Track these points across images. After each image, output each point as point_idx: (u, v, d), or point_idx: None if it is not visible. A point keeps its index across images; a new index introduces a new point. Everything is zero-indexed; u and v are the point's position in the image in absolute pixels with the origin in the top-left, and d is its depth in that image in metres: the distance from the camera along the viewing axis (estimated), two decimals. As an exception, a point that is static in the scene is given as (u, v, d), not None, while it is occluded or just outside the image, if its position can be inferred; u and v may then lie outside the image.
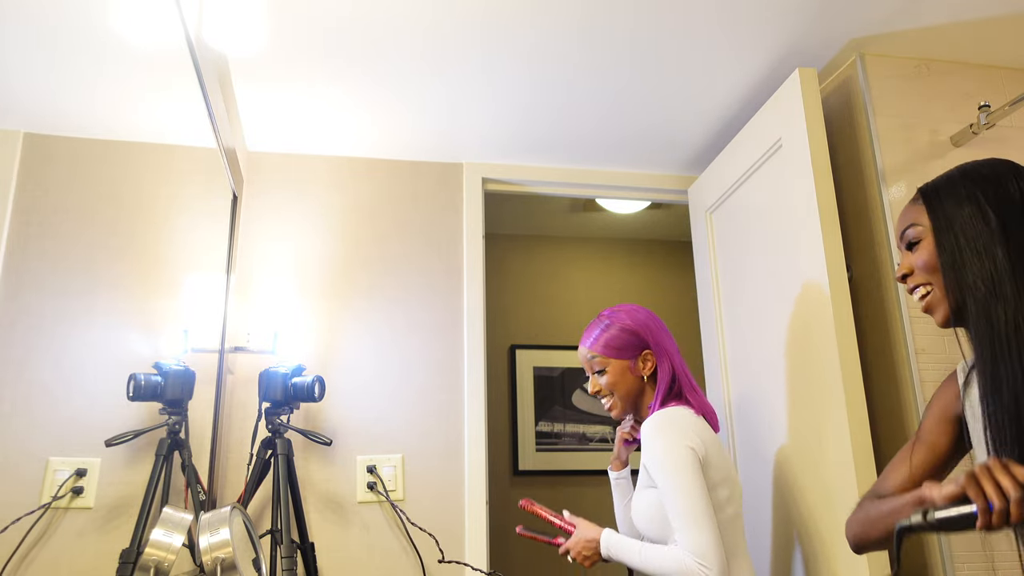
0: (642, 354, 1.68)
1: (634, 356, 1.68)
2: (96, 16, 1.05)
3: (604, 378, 1.68)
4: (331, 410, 2.21)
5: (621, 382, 1.68)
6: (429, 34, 1.84)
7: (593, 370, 1.70)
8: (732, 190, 2.23)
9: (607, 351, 1.68)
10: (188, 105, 1.53)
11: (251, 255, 2.29)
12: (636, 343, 1.68)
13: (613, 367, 1.68)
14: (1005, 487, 0.85)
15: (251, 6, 1.71)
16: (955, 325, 1.09)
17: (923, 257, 1.10)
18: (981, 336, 1.02)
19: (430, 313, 2.35)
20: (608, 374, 1.68)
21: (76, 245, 1.02)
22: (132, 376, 1.21)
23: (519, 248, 3.70)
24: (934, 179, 1.15)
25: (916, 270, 1.12)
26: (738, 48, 1.93)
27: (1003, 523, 0.85)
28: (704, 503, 1.47)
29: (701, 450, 1.53)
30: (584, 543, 1.63)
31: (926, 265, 1.10)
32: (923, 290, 1.12)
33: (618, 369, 1.68)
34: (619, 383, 1.68)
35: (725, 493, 1.56)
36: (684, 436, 1.53)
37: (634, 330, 1.68)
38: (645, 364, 1.68)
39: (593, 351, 1.69)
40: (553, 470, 3.40)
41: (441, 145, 2.39)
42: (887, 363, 1.82)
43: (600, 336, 1.69)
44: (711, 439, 1.58)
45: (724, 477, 1.57)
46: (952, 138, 1.92)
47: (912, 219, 1.14)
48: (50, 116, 0.94)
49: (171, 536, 1.14)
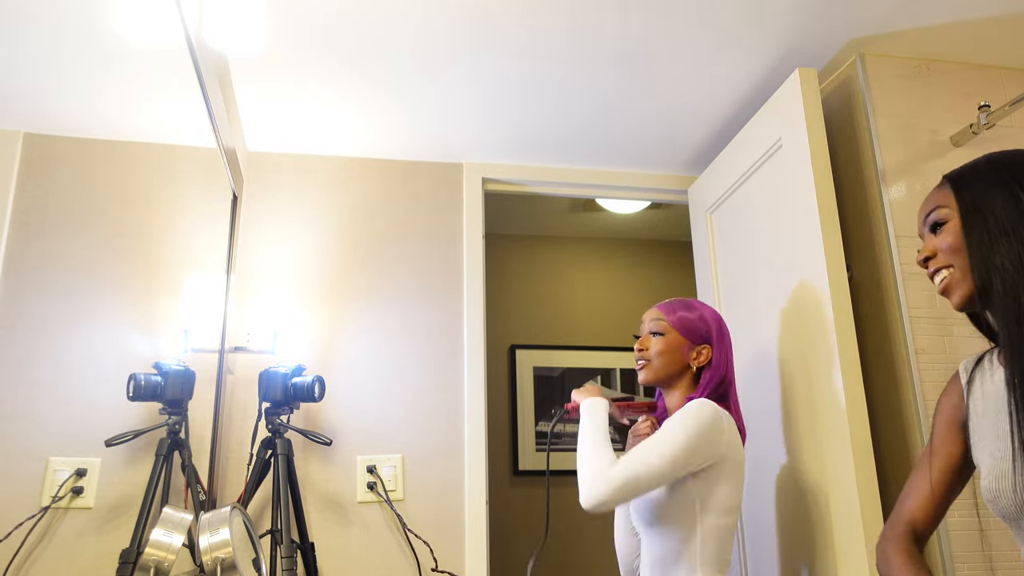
0: (700, 346, 1.68)
1: (695, 343, 1.68)
2: (96, 16, 1.05)
3: (658, 343, 1.69)
4: (331, 410, 2.21)
5: (669, 354, 1.68)
6: (430, 34, 1.84)
7: (652, 331, 1.71)
8: (732, 190, 2.23)
9: (674, 321, 1.69)
10: (188, 105, 1.53)
11: (251, 255, 2.29)
12: (703, 333, 1.69)
13: (671, 338, 1.69)
14: None
15: (251, 6, 1.71)
16: (977, 309, 1.09)
17: (948, 239, 1.10)
18: (1008, 316, 1.02)
19: (430, 313, 2.35)
20: (664, 341, 1.69)
21: (76, 245, 1.02)
22: (132, 376, 1.21)
23: (519, 248, 3.70)
24: (960, 166, 1.15)
25: (940, 252, 1.12)
26: (738, 48, 1.93)
27: None
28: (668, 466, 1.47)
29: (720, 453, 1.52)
30: (587, 391, 1.73)
31: (951, 247, 1.10)
32: (945, 272, 1.11)
33: (674, 342, 1.68)
34: (667, 353, 1.68)
35: (734, 500, 1.54)
36: (720, 433, 1.52)
37: (707, 321, 1.70)
38: (699, 355, 1.68)
39: (662, 314, 1.71)
40: (553, 470, 3.40)
41: (441, 145, 2.39)
42: (887, 363, 1.82)
43: (678, 310, 1.71)
44: (738, 447, 1.56)
45: (737, 481, 1.55)
46: (952, 138, 1.92)
47: (938, 202, 1.13)
48: (50, 116, 0.94)
49: (171, 536, 1.14)
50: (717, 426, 1.51)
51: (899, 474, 1.76)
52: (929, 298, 1.79)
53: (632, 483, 1.45)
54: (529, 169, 2.55)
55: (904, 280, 1.78)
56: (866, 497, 1.57)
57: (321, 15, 1.76)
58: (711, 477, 1.52)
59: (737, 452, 1.55)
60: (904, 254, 1.81)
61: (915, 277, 1.79)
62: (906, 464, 1.74)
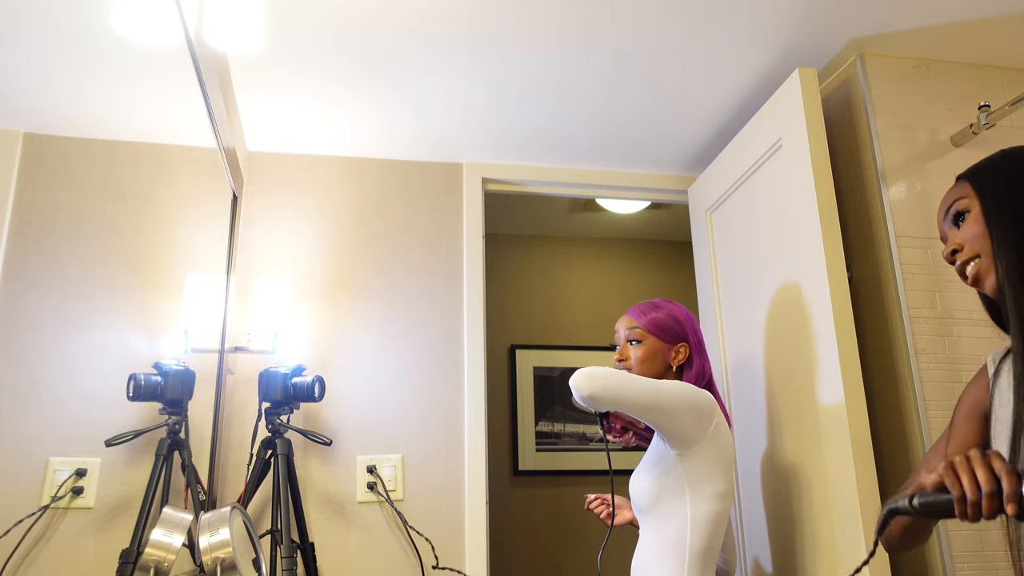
0: (678, 345, 1.73)
1: (671, 343, 1.73)
2: (96, 16, 1.05)
3: (637, 350, 1.73)
4: (331, 410, 2.21)
5: (650, 360, 1.73)
6: (429, 34, 1.84)
7: (628, 339, 1.75)
8: (732, 190, 2.23)
9: (649, 327, 1.74)
10: (188, 105, 1.53)
11: (251, 255, 2.29)
12: (678, 332, 1.74)
13: (649, 343, 1.73)
14: (980, 479, 0.85)
15: (251, 6, 1.71)
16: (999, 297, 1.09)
17: (972, 228, 1.11)
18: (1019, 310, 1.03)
19: (430, 313, 2.35)
20: (643, 347, 1.73)
21: (76, 245, 1.02)
22: (132, 376, 1.21)
23: (519, 248, 3.70)
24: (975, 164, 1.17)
25: (966, 243, 1.12)
26: (738, 48, 1.93)
27: (977, 515, 0.86)
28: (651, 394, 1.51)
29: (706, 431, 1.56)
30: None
31: (976, 235, 1.10)
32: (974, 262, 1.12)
33: (653, 347, 1.73)
34: (648, 359, 1.73)
35: (722, 487, 1.57)
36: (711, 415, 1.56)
37: (680, 321, 1.75)
38: (678, 354, 1.73)
39: (637, 322, 1.75)
40: (553, 470, 3.40)
41: (441, 145, 2.39)
42: (887, 363, 1.82)
43: (648, 313, 1.76)
44: (725, 432, 1.61)
45: (726, 468, 1.59)
46: (952, 138, 1.92)
47: (957, 194, 1.15)
48: (50, 116, 0.94)
49: (171, 536, 1.14)
50: (709, 406, 1.57)
51: (899, 474, 1.76)
52: (929, 298, 1.79)
53: (615, 385, 1.50)
54: (529, 169, 2.55)
55: (904, 280, 1.78)
56: (866, 497, 1.57)
57: (321, 15, 1.75)
58: (700, 459, 1.56)
59: (724, 437, 1.60)
60: (904, 254, 1.81)
61: (915, 277, 1.79)
62: (906, 464, 1.74)
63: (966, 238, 1.12)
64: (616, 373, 1.52)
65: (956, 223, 1.14)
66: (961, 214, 1.13)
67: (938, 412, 1.71)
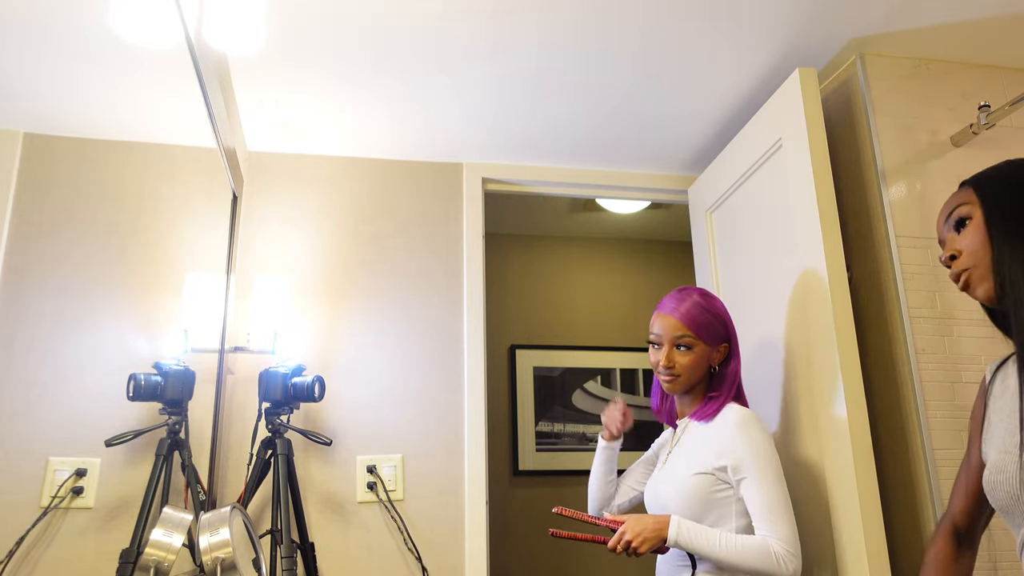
0: (720, 345, 1.65)
1: (715, 345, 1.64)
2: (96, 16, 1.05)
3: (686, 357, 1.61)
4: (331, 410, 2.21)
5: (698, 367, 1.62)
6: (429, 34, 1.84)
7: (676, 344, 1.62)
8: (732, 190, 2.23)
9: (700, 331, 1.61)
10: (188, 105, 1.53)
11: (251, 255, 2.29)
12: (722, 333, 1.65)
13: (699, 349, 1.62)
14: None
15: (251, 6, 1.71)
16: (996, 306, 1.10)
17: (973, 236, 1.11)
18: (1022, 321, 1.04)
19: (430, 313, 2.35)
20: (693, 355, 1.61)
21: (76, 245, 1.02)
22: (132, 376, 1.21)
23: (519, 248, 3.70)
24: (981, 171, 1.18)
25: (964, 251, 1.12)
26: (738, 48, 1.93)
27: None
28: (789, 500, 1.51)
29: None
30: (653, 527, 1.49)
31: (975, 244, 1.11)
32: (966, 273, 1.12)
33: (702, 353, 1.62)
34: (696, 367, 1.62)
35: None
36: (771, 438, 1.58)
37: (725, 321, 1.65)
38: (718, 354, 1.65)
39: (687, 327, 1.61)
40: (553, 470, 3.40)
41: (441, 145, 2.39)
42: (887, 363, 1.82)
43: (693, 312, 1.62)
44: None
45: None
46: (952, 138, 1.92)
47: (960, 200, 1.15)
48: (50, 116, 0.94)
49: (171, 536, 1.14)
50: (767, 432, 1.57)
51: (899, 474, 1.76)
52: (929, 298, 1.79)
53: (793, 533, 1.47)
54: (529, 169, 2.55)
55: (904, 280, 1.78)
56: (866, 496, 1.58)
57: (321, 15, 1.75)
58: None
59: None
60: (904, 254, 1.81)
61: (915, 277, 1.79)
62: (906, 464, 1.74)
63: (966, 245, 1.12)
64: (779, 529, 1.46)
65: (957, 229, 1.14)
66: (963, 220, 1.13)
67: (938, 412, 1.71)
